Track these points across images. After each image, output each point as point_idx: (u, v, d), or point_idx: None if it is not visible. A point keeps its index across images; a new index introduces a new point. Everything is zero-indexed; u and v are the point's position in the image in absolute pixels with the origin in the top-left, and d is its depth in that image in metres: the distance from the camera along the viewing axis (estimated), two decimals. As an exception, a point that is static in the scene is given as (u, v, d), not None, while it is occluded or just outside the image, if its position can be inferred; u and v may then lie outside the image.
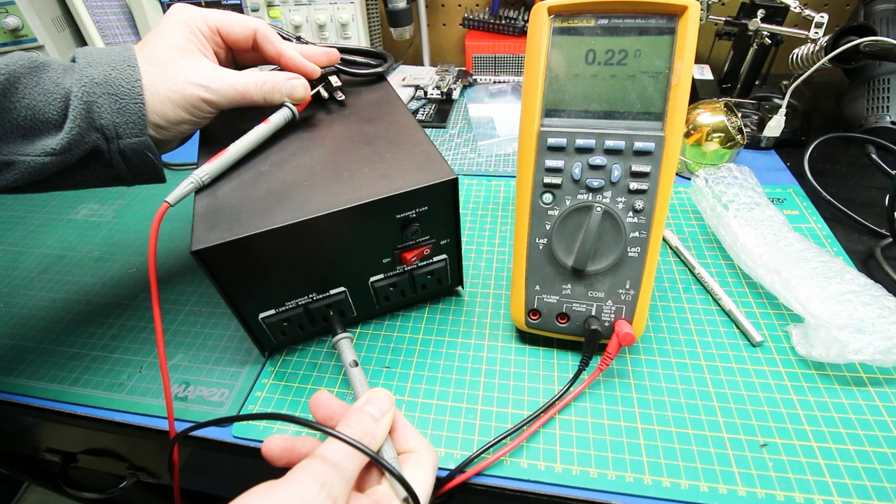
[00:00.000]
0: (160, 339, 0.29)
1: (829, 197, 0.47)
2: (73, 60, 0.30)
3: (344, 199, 0.30)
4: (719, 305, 0.39)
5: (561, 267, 0.32)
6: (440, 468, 0.30)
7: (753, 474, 0.28)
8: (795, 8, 0.55)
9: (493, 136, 0.62)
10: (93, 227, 0.52)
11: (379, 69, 0.43)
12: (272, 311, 0.33)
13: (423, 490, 0.24)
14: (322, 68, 0.38)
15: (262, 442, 0.31)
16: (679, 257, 0.43)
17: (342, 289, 0.35)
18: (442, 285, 0.39)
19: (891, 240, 0.43)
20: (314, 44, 0.38)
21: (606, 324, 0.32)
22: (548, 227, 0.32)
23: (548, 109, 0.30)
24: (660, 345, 0.36)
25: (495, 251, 0.45)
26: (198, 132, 0.37)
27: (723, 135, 0.50)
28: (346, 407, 0.27)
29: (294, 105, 0.35)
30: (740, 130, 0.51)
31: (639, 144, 0.29)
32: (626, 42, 0.28)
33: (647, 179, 0.29)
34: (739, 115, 0.51)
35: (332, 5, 0.71)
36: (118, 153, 0.30)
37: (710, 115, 0.51)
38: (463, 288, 0.41)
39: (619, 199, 0.30)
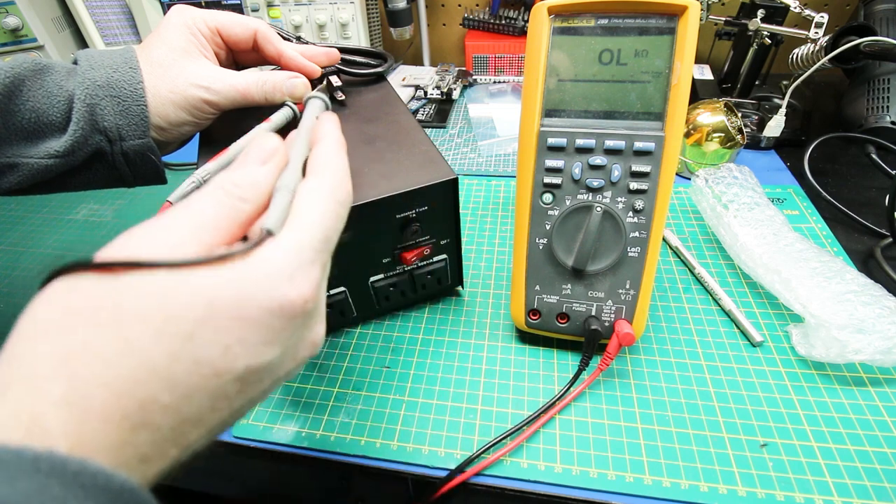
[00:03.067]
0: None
1: (829, 197, 0.47)
2: (75, 63, 0.30)
3: (344, 199, 0.30)
4: (719, 305, 0.39)
5: (561, 267, 0.32)
6: (439, 468, 0.30)
7: (753, 474, 0.28)
8: (795, 8, 0.55)
9: (493, 136, 0.62)
10: (93, 227, 0.52)
11: (379, 69, 0.43)
12: (272, 312, 0.33)
13: (311, 220, 0.19)
14: (322, 68, 0.38)
15: (262, 442, 0.32)
16: (679, 257, 0.43)
17: (342, 289, 0.35)
18: (442, 285, 0.39)
19: (891, 240, 0.43)
20: (314, 44, 0.38)
21: (606, 324, 0.32)
22: (548, 227, 0.32)
23: (548, 109, 0.30)
24: (660, 345, 0.36)
25: (495, 251, 0.45)
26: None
27: (723, 135, 0.50)
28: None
29: (295, 104, 0.35)
30: (740, 130, 0.51)
31: (639, 144, 0.29)
32: (626, 42, 0.28)
33: (647, 179, 0.29)
34: (739, 115, 0.51)
35: (332, 5, 0.71)
36: (121, 155, 0.30)
37: (710, 115, 0.51)
38: (463, 288, 0.41)
39: (619, 199, 0.30)
